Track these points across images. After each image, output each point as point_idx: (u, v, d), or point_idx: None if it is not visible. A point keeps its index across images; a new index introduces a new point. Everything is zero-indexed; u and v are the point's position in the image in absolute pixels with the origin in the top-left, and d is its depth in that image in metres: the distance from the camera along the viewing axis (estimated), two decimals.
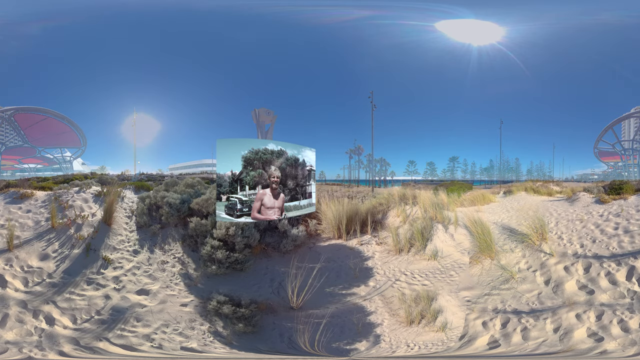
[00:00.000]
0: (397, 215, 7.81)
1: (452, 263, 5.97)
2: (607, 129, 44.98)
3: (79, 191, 8.15)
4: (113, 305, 4.58)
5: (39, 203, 7.20)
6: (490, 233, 6.06)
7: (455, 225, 7.18)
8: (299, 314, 4.95)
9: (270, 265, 6.23)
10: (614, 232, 5.86)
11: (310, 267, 5.73)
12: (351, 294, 5.47)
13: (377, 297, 5.32)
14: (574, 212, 7.87)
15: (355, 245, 6.87)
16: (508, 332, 4.00)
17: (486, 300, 4.73)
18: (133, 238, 6.23)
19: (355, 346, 4.38)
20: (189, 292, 5.28)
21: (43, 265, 5.17)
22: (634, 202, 7.64)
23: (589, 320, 3.88)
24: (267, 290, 5.60)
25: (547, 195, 12.04)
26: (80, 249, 5.55)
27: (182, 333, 4.34)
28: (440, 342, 4.14)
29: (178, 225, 6.77)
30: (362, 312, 4.98)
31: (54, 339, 3.77)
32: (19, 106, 41.32)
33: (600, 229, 6.18)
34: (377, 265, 6.18)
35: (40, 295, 4.50)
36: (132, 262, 5.62)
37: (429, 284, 5.44)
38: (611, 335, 3.62)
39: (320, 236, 7.21)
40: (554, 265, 5.07)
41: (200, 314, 4.81)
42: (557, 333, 3.83)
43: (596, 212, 7.35)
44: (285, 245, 6.42)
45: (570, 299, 4.29)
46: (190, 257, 6.14)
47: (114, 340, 3.95)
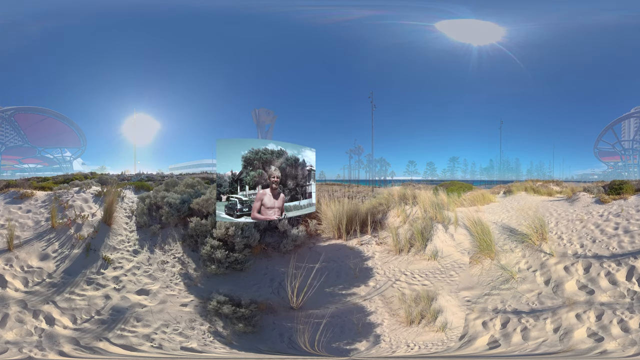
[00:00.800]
0: (397, 215, 7.81)
1: (452, 263, 5.97)
2: (607, 129, 44.99)
3: (79, 191, 8.15)
4: (113, 305, 4.57)
5: (39, 203, 7.20)
6: (490, 233, 6.07)
7: (455, 225, 7.18)
8: (299, 314, 4.95)
9: (270, 265, 6.22)
10: (614, 232, 5.86)
11: (310, 267, 5.73)
12: (351, 294, 5.47)
13: (377, 297, 5.32)
14: (574, 212, 7.87)
15: (355, 245, 6.87)
16: (508, 332, 4.00)
17: (486, 300, 4.73)
18: (133, 238, 6.23)
19: (355, 346, 4.38)
20: (189, 292, 5.28)
21: (43, 265, 5.16)
22: (634, 202, 7.64)
23: (589, 320, 3.88)
24: (267, 290, 5.60)
25: (547, 195, 11.98)
26: (80, 249, 5.55)
27: (182, 333, 4.34)
28: (440, 342, 4.14)
29: (178, 225, 6.77)
30: (362, 312, 4.98)
31: (54, 339, 3.77)
32: (19, 106, 41.34)
33: (600, 229, 6.18)
34: (377, 265, 6.18)
35: (40, 295, 4.50)
36: (132, 262, 5.62)
37: (429, 284, 5.44)
38: (611, 335, 3.61)
39: (320, 236, 7.20)
40: (554, 265, 5.07)
41: (200, 314, 4.81)
42: (557, 333, 3.83)
43: (596, 212, 7.34)
44: (285, 245, 6.42)
45: (570, 299, 4.29)
46: (190, 257, 6.13)
47: (114, 340, 3.93)
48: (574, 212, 7.85)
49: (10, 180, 8.79)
